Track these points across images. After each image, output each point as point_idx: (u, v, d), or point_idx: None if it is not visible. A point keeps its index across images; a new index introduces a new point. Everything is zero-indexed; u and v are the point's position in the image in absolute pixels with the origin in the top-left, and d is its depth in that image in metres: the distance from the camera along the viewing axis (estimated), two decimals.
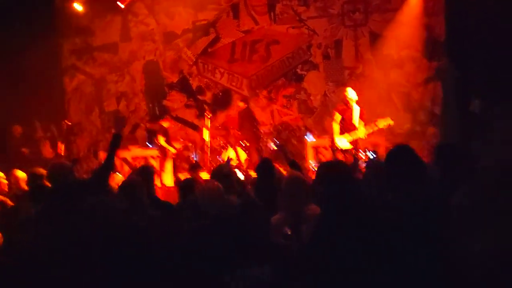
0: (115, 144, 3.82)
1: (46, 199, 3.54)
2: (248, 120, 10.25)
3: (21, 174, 5.15)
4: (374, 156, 5.15)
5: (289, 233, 2.91)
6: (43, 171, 4.40)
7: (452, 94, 10.09)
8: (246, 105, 10.21)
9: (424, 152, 10.20)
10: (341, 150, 7.85)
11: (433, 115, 10.65)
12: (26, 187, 4.81)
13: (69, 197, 3.12)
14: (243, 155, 9.76)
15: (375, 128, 7.55)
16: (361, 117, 7.95)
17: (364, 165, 5.46)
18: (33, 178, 4.50)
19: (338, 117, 8.00)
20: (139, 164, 9.89)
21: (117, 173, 7.34)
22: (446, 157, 3.23)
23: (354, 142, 7.82)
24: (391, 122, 7.51)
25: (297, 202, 3.21)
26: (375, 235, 2.27)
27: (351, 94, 7.94)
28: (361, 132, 7.62)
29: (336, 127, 7.99)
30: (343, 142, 7.87)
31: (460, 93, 9.77)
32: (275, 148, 9.70)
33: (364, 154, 7.18)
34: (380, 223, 2.35)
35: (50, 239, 2.94)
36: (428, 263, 2.22)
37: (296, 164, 4.72)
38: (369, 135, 7.68)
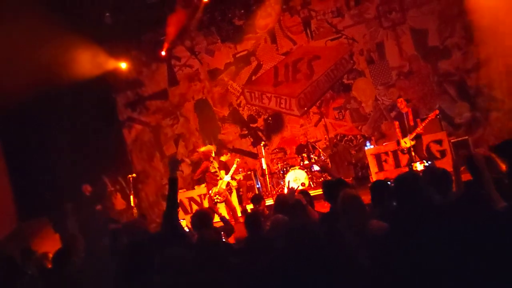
0: (173, 188, 3.69)
1: (123, 256, 3.69)
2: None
3: None
4: (430, 163, 5.20)
5: None
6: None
7: None
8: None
9: (489, 139, 9.89)
10: (406, 150, 8.55)
11: (492, 99, 10.22)
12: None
13: (146, 252, 3.27)
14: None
15: (426, 121, 8.37)
16: (414, 116, 8.53)
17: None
18: (110, 236, 4.72)
19: (396, 124, 8.77)
20: (204, 200, 10.18)
21: (183, 219, 7.55)
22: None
23: (417, 140, 8.44)
24: (437, 111, 8.47)
25: (356, 220, 3.19)
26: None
27: (400, 101, 8.76)
28: (419, 128, 8.40)
29: (398, 132, 8.71)
30: (407, 143, 8.51)
31: None
32: (319, 170, 9.71)
33: (420, 163, 7.71)
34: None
35: None
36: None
37: (343, 181, 4.68)
38: (424, 126, 8.39)
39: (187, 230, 4.87)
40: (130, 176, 9.37)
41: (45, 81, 8.95)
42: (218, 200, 8.67)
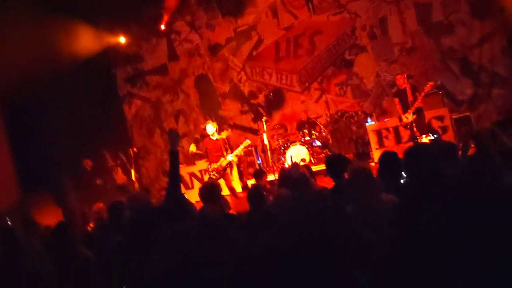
0: (174, 161, 3.63)
1: (126, 229, 3.70)
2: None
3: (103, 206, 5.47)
4: (436, 136, 5.20)
5: None
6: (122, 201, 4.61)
7: None
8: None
9: (492, 116, 9.85)
10: (409, 125, 8.45)
11: (495, 76, 10.14)
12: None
13: (149, 225, 3.27)
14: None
15: (422, 94, 8.28)
16: (413, 91, 8.45)
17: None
18: (112, 209, 4.72)
19: (396, 100, 8.70)
20: (205, 175, 10.21)
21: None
22: None
23: (418, 114, 8.37)
24: (431, 82, 8.34)
25: (364, 193, 3.18)
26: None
27: (398, 78, 8.68)
28: (417, 101, 8.34)
29: (399, 108, 8.62)
30: (408, 118, 8.44)
31: None
32: (320, 145, 9.71)
33: (426, 136, 7.68)
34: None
35: (133, 269, 3.11)
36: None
37: (344, 157, 4.67)
38: (423, 99, 8.37)
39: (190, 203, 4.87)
40: (131, 150, 9.38)
41: (46, 56, 8.93)
42: (214, 177, 8.72)
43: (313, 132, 10.00)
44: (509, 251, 2.17)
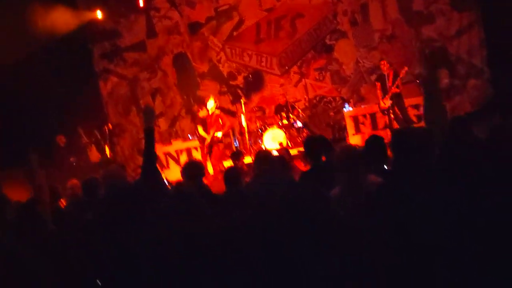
0: (150, 138, 3.48)
1: (102, 206, 3.65)
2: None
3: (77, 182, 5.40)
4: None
5: None
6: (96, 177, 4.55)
7: None
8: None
9: (466, 106, 10.04)
10: (386, 111, 8.77)
11: (472, 67, 10.29)
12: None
13: (125, 202, 3.24)
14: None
15: (398, 79, 8.71)
16: (394, 77, 8.77)
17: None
18: (87, 186, 4.64)
19: (378, 85, 9.00)
20: (181, 155, 10.19)
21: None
22: None
23: (396, 100, 8.75)
24: (406, 68, 8.86)
25: (353, 174, 3.12)
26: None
27: (383, 63, 9.02)
28: (394, 86, 8.73)
29: (379, 93, 8.94)
30: (386, 103, 8.74)
31: None
32: (302, 126, 9.79)
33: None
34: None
35: (108, 246, 3.08)
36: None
37: (326, 139, 4.69)
38: (400, 84, 8.75)
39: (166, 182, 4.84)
40: (106, 127, 9.24)
41: (20, 32, 8.72)
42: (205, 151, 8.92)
43: (291, 116, 10.01)
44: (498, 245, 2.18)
